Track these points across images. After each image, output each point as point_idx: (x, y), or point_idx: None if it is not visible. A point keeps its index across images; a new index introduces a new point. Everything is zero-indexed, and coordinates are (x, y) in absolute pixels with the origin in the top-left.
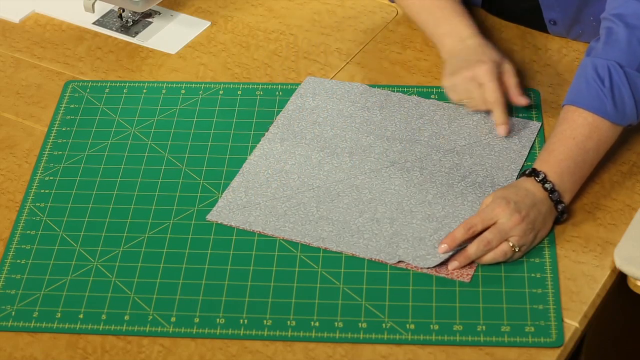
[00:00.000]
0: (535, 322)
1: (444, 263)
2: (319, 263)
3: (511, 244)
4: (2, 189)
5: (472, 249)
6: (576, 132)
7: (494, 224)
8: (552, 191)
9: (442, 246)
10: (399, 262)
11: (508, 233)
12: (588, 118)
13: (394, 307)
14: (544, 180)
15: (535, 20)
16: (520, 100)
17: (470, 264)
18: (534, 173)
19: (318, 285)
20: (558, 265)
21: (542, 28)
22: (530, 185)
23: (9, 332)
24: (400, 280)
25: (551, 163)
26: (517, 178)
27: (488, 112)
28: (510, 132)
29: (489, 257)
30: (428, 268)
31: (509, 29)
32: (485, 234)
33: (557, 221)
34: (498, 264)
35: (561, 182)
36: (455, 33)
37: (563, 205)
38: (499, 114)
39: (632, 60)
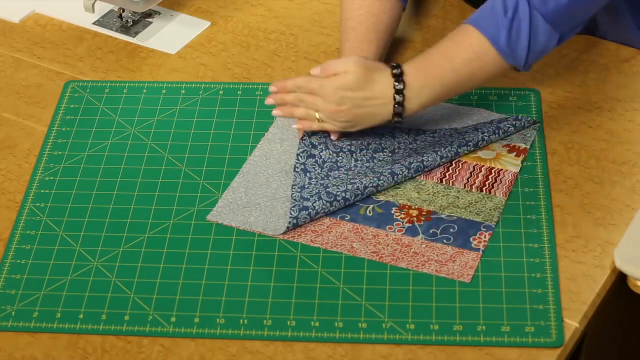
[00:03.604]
0: (535, 322)
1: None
2: (319, 263)
3: (317, 116)
4: (2, 189)
5: (290, 97)
6: (458, 52)
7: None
8: (399, 92)
9: (271, 86)
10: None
11: (318, 109)
12: (478, 42)
13: (394, 307)
14: (398, 77)
15: None
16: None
17: (471, 264)
18: (395, 66)
19: (318, 285)
20: (558, 265)
21: None
22: (382, 79)
23: (9, 332)
24: (400, 280)
25: (419, 71)
26: None
27: (486, 116)
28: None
29: (299, 111)
30: (420, 266)
31: None
32: (305, 96)
33: (389, 122)
34: (498, 263)
35: (416, 92)
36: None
37: (401, 108)
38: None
39: (542, 4)
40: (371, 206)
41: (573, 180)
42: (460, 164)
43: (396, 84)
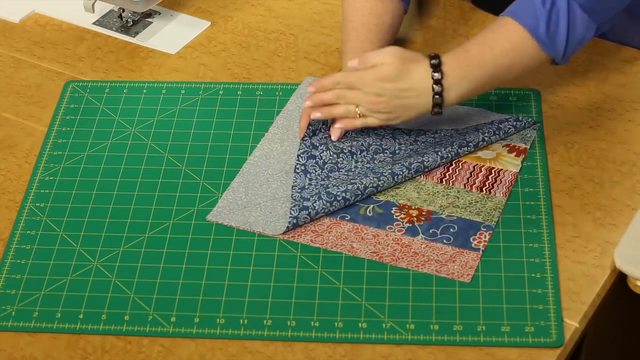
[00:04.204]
0: (535, 322)
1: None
2: (319, 263)
3: (357, 110)
4: (2, 189)
5: (328, 95)
6: (498, 42)
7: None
8: (437, 82)
9: (309, 87)
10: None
11: (358, 102)
12: (517, 33)
13: (394, 307)
14: (437, 68)
15: None
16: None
17: (471, 264)
18: (433, 57)
19: (318, 285)
20: (558, 265)
21: None
22: (420, 69)
23: (9, 332)
24: (400, 280)
25: (458, 61)
26: None
27: (484, 115)
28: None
29: (339, 110)
30: (420, 266)
31: None
32: (344, 92)
33: (430, 113)
34: (498, 263)
35: (455, 83)
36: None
37: (440, 98)
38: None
39: None
40: (371, 206)
41: (573, 180)
42: (460, 164)
43: (435, 74)
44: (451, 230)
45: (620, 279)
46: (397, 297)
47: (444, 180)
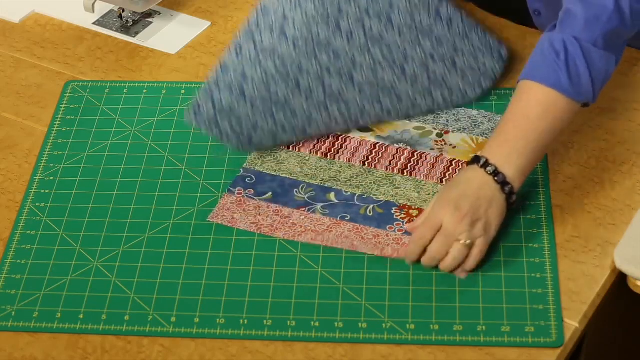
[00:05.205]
0: (535, 322)
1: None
2: (319, 263)
3: (462, 241)
4: (2, 189)
5: (426, 262)
6: (530, 110)
7: (440, 227)
8: (495, 173)
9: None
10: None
11: (454, 235)
12: (543, 94)
13: (394, 307)
14: (486, 164)
15: (520, 12)
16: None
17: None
18: (475, 159)
19: (318, 285)
20: (558, 265)
21: (528, 19)
22: (472, 172)
23: (9, 332)
24: (400, 280)
25: (498, 143)
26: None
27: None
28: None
29: (448, 263)
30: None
31: (509, 29)
32: (432, 246)
33: (509, 204)
34: (498, 263)
35: (508, 163)
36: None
37: (510, 186)
38: None
39: (589, 34)
40: (371, 206)
41: (573, 180)
42: (460, 164)
43: (495, 178)
44: None
45: (620, 279)
46: (397, 297)
47: (444, 180)
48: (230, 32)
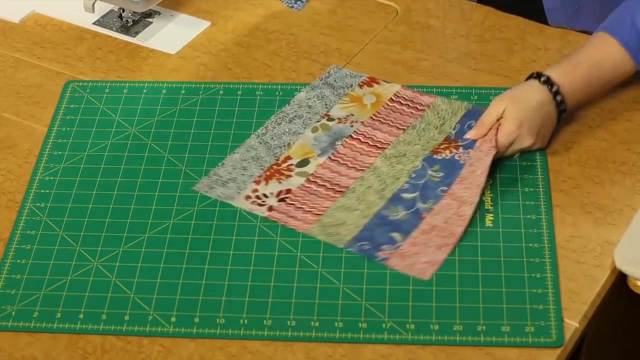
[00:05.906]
0: (535, 322)
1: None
2: (319, 263)
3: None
4: (2, 189)
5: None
6: (603, 61)
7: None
8: (555, 93)
9: (471, 132)
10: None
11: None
12: (618, 52)
13: (394, 307)
14: (557, 92)
15: (533, 8)
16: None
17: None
18: (548, 82)
19: (318, 285)
20: (558, 265)
21: (541, 16)
22: (541, 94)
23: (9, 332)
24: (400, 280)
25: (570, 79)
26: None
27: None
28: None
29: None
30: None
31: (509, 29)
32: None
33: (559, 119)
34: (498, 263)
35: (570, 95)
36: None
37: (564, 105)
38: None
39: None
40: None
41: (573, 180)
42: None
43: (548, 86)
44: None
45: (620, 279)
46: (397, 297)
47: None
48: (230, 32)
